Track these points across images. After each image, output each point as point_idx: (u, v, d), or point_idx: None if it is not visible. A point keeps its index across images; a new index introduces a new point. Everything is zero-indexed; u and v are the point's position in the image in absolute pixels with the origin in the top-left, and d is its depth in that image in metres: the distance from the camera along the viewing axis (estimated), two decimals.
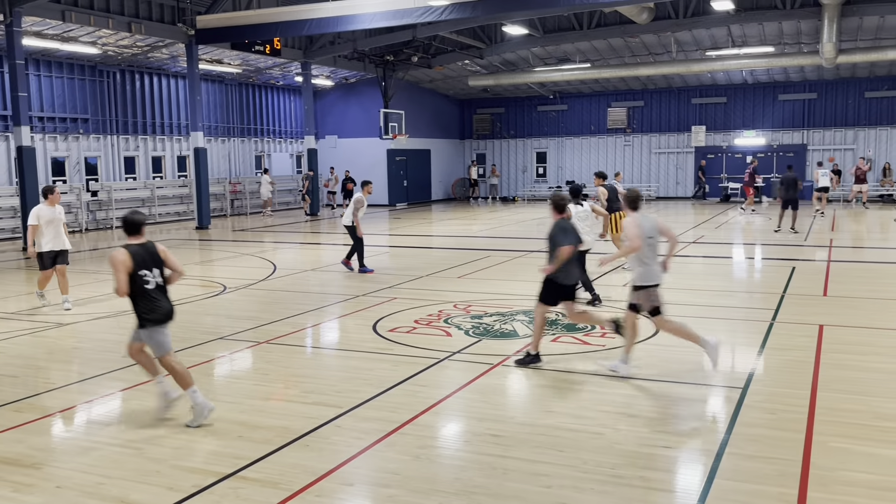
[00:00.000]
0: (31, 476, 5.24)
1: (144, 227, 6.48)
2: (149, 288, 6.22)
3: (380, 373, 7.61)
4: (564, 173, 37.43)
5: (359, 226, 14.24)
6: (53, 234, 11.32)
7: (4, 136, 22.54)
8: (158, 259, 6.37)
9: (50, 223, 11.27)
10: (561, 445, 5.62)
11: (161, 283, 6.34)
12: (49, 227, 11.27)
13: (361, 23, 21.25)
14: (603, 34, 27.95)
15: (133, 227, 6.40)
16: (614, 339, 8.73)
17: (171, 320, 6.37)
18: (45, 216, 11.29)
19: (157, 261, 6.35)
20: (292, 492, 4.90)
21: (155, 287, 6.27)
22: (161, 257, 6.40)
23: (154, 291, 6.27)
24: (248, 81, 31.84)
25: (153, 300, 6.24)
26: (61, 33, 21.47)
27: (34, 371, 8.15)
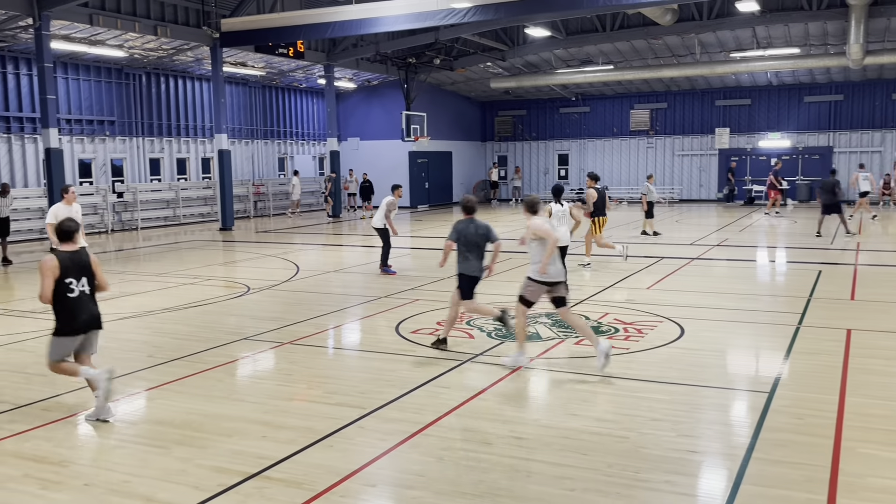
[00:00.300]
0: (59, 474, 5.30)
1: (77, 235, 6.60)
2: (71, 296, 6.35)
3: (403, 374, 7.62)
4: (586, 175, 37.21)
5: (392, 227, 14.60)
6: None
7: (33, 138, 22.87)
8: (87, 269, 6.49)
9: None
10: (585, 449, 5.59)
11: (87, 293, 6.46)
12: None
13: (384, 25, 21.32)
14: (626, 36, 27.82)
15: (65, 234, 6.52)
16: (637, 343, 8.68)
17: (90, 330, 6.53)
18: (61, 215, 11.47)
19: (85, 270, 6.46)
20: (316, 492, 4.92)
21: (78, 295, 6.38)
22: (91, 268, 6.51)
23: (75, 300, 6.38)
24: (271, 84, 32.05)
25: (72, 310, 6.37)
26: (89, 36, 21.74)
27: None
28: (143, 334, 9.66)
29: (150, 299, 12.12)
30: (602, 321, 9.86)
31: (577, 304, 11.00)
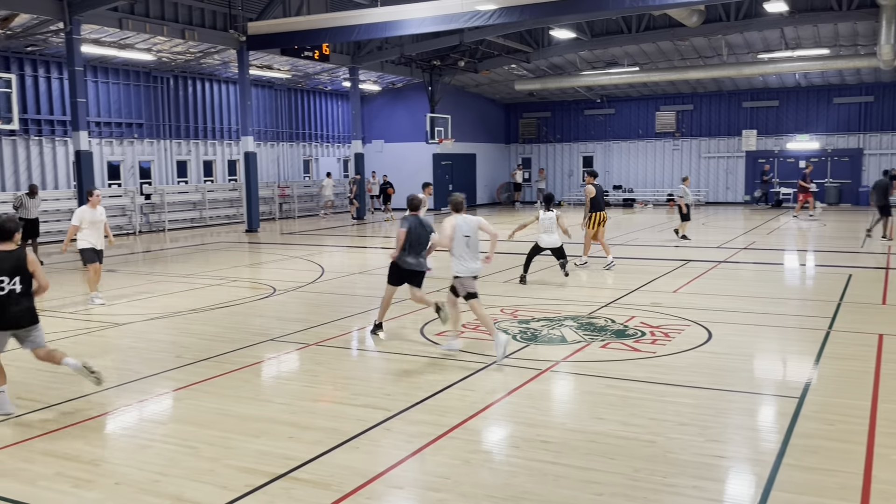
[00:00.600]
0: (91, 472, 5.37)
1: (16, 235, 6.74)
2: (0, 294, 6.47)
3: (428, 376, 7.63)
4: (611, 178, 37.09)
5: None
6: (96, 234, 12.02)
7: (63, 140, 23.22)
8: (21, 268, 6.58)
9: (92, 224, 11.97)
10: (612, 453, 5.56)
11: (16, 291, 6.54)
12: (92, 228, 11.96)
13: (409, 28, 21.38)
14: (652, 37, 27.66)
15: (2, 233, 6.64)
16: (664, 346, 8.62)
17: (21, 327, 6.63)
18: (87, 217, 11.99)
19: (18, 269, 6.56)
20: (343, 493, 4.93)
21: (7, 293, 6.48)
22: (27, 267, 6.61)
23: (3, 298, 6.49)
24: (296, 87, 32.27)
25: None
26: (118, 40, 22.04)
27: None
28: (171, 335, 9.76)
29: (178, 300, 12.24)
30: (628, 324, 9.80)
31: (603, 308, 10.95)
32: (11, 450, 5.79)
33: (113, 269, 16.40)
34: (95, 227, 12.00)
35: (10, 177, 21.99)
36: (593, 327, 9.70)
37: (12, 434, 6.13)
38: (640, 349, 8.56)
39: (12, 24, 19.21)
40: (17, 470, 5.40)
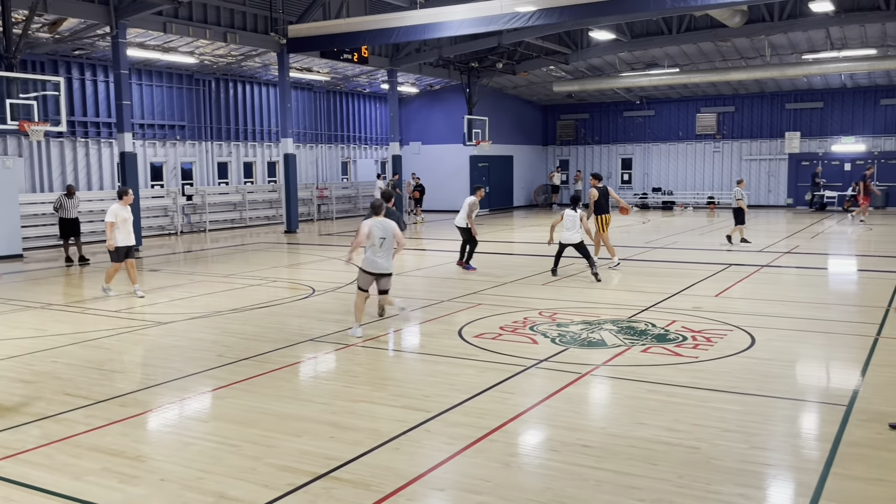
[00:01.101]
0: (136, 468, 5.46)
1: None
2: None
3: (466, 378, 7.62)
4: (650, 180, 36.74)
5: (473, 227, 15.10)
6: (126, 231, 12.57)
7: (109, 142, 23.69)
8: None
9: (125, 221, 12.51)
10: (654, 458, 5.49)
11: None
12: (124, 225, 12.51)
13: (448, 30, 21.40)
14: (693, 38, 27.31)
15: None
16: (707, 351, 8.51)
17: None
18: (120, 215, 12.51)
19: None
20: (384, 494, 4.94)
21: None
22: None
23: None
24: (335, 89, 32.53)
25: None
26: (162, 44, 22.43)
27: (136, 368, 8.50)
28: (212, 334, 9.89)
29: (219, 300, 12.41)
30: (669, 328, 9.68)
31: (643, 311, 10.84)
32: (60, 445, 5.91)
33: (155, 268, 16.69)
34: (127, 224, 12.59)
35: (57, 177, 22.49)
36: (633, 331, 9.60)
37: (61, 430, 6.26)
38: (681, 354, 8.44)
39: (60, 29, 19.67)
40: (66, 465, 5.51)
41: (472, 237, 15.28)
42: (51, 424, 6.40)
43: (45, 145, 22.05)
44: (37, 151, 21.97)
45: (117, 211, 12.50)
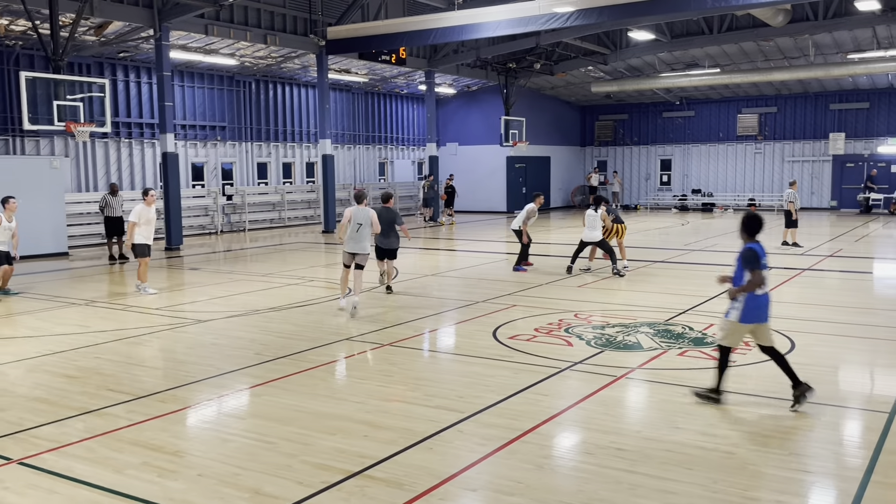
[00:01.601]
0: (175, 463, 5.57)
1: None
2: None
3: (500, 380, 7.62)
4: (690, 181, 36.29)
5: (525, 231, 15.38)
6: (148, 231, 13.02)
7: (151, 142, 24.15)
8: None
9: (148, 221, 12.95)
10: (689, 463, 5.43)
11: None
12: (147, 225, 12.95)
13: (485, 31, 21.39)
14: (734, 38, 26.90)
15: None
16: (745, 356, 8.39)
17: None
18: (144, 215, 12.95)
19: None
20: (416, 493, 4.98)
21: None
22: None
23: None
24: (373, 90, 32.72)
25: None
26: (203, 46, 22.79)
27: (176, 364, 8.66)
28: (250, 332, 10.03)
29: (257, 298, 12.57)
30: (707, 332, 9.57)
31: (680, 315, 10.72)
32: (102, 439, 6.05)
33: (196, 267, 16.97)
34: (150, 224, 13.01)
35: (101, 177, 22.99)
36: (670, 334, 9.51)
37: (103, 424, 6.41)
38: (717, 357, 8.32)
39: (106, 32, 20.11)
40: (107, 458, 5.64)
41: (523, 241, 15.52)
42: (93, 419, 6.56)
43: (91, 146, 22.56)
44: (82, 152, 22.49)
45: (141, 211, 12.88)
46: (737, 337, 6.72)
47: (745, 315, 6.54)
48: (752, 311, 6.53)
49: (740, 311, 6.55)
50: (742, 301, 6.53)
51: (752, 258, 6.48)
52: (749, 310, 6.52)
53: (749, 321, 6.58)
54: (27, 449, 5.84)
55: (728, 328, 6.69)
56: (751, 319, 6.58)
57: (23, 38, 19.80)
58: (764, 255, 6.59)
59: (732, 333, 6.68)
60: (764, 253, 6.60)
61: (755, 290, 6.51)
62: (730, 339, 6.71)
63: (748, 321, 6.57)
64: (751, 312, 6.54)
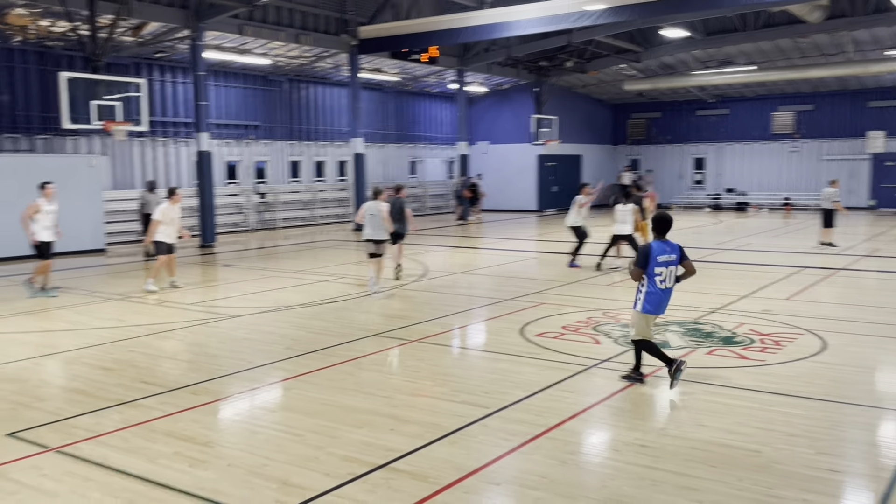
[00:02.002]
0: (205, 453, 5.70)
1: None
2: None
3: (527, 376, 7.65)
4: (724, 180, 35.88)
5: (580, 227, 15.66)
6: (171, 229, 13.19)
7: (186, 141, 24.53)
8: None
9: (171, 220, 13.16)
10: (714, 461, 5.42)
11: None
12: (170, 224, 13.15)
13: (516, 29, 21.39)
14: (769, 35, 26.53)
15: None
16: (775, 355, 8.32)
17: None
18: (168, 214, 13.17)
19: None
20: (441, 486, 5.04)
21: None
22: None
23: None
24: (404, 89, 32.85)
25: None
26: (238, 46, 23.10)
27: (208, 358, 8.81)
28: (281, 327, 10.17)
29: (288, 295, 12.74)
30: (737, 331, 9.50)
31: (710, 314, 10.65)
32: (136, 429, 6.21)
33: (229, 263, 17.23)
34: (172, 223, 13.20)
35: (138, 175, 23.40)
36: (699, 333, 9.45)
37: (138, 415, 6.57)
38: (748, 357, 8.28)
39: (143, 33, 20.48)
40: (141, 448, 5.79)
41: (582, 235, 15.64)
42: (128, 410, 6.73)
43: (127, 145, 22.98)
44: (119, 150, 22.92)
45: (165, 210, 13.10)
46: (645, 326, 7.24)
47: (646, 307, 7.12)
48: (652, 303, 7.11)
49: (642, 303, 7.16)
50: (643, 294, 7.12)
51: (644, 254, 7.13)
52: (649, 302, 7.10)
53: (649, 312, 7.15)
54: (64, 438, 6.02)
55: (636, 320, 7.28)
56: (651, 311, 7.14)
57: (63, 40, 20.25)
58: (662, 253, 7.06)
59: (640, 323, 7.24)
60: (663, 251, 7.07)
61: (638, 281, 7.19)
62: (640, 330, 7.27)
63: (650, 312, 7.15)
64: (651, 304, 7.11)
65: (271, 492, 4.99)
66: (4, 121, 20.20)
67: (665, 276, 7.09)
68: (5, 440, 6.00)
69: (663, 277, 7.08)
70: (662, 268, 7.06)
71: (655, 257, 7.04)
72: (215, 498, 4.90)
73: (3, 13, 17.83)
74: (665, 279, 7.10)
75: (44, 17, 18.42)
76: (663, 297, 7.17)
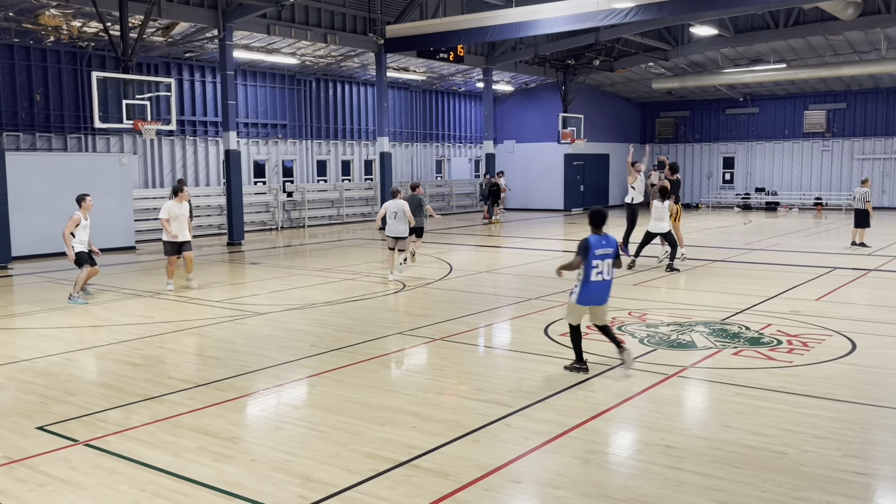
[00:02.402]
0: (230, 448, 5.76)
1: None
2: None
3: (550, 375, 7.63)
4: (753, 180, 35.46)
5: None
6: (178, 227, 12.97)
7: (215, 140, 24.80)
8: None
9: (176, 218, 12.96)
10: (739, 462, 5.37)
11: None
12: (175, 221, 12.94)
13: (543, 28, 21.32)
14: (801, 32, 26.18)
15: None
16: (802, 356, 8.21)
17: None
18: (173, 212, 13.01)
19: None
20: (462, 484, 5.05)
21: None
22: None
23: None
24: (431, 88, 32.90)
25: None
26: (266, 45, 23.29)
27: (234, 354, 8.90)
28: (306, 325, 10.25)
29: (314, 292, 12.83)
30: (764, 332, 9.39)
31: (737, 314, 10.54)
32: (162, 424, 6.30)
33: (256, 261, 17.39)
34: (179, 220, 13.00)
35: (167, 174, 23.71)
36: (726, 334, 9.36)
37: (164, 409, 6.66)
38: (775, 358, 8.18)
39: (172, 33, 20.73)
40: (167, 443, 5.87)
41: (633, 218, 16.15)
42: (155, 405, 6.82)
43: (157, 143, 23.30)
44: (149, 149, 23.23)
45: (170, 208, 12.98)
46: (577, 315, 7.67)
47: (580, 298, 7.52)
48: (586, 294, 7.49)
49: (577, 294, 7.52)
50: (579, 285, 7.49)
51: (583, 245, 7.46)
52: (584, 293, 7.49)
53: (585, 303, 7.56)
54: (93, 431, 6.12)
55: (569, 308, 7.74)
56: (586, 302, 7.55)
57: (94, 40, 20.57)
58: (599, 247, 7.45)
59: (573, 312, 7.69)
60: (600, 244, 7.47)
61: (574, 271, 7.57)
62: (572, 318, 7.73)
63: (584, 303, 7.55)
64: (586, 295, 7.50)
65: (294, 487, 5.04)
66: (38, 120, 20.58)
67: (602, 268, 7.48)
68: (36, 433, 6.12)
69: (600, 269, 7.45)
70: (599, 260, 7.44)
71: (594, 250, 7.40)
72: (239, 492, 4.96)
73: (36, 14, 18.15)
74: (602, 271, 7.48)
75: (76, 17, 18.72)
76: (600, 288, 7.54)
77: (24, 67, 20.28)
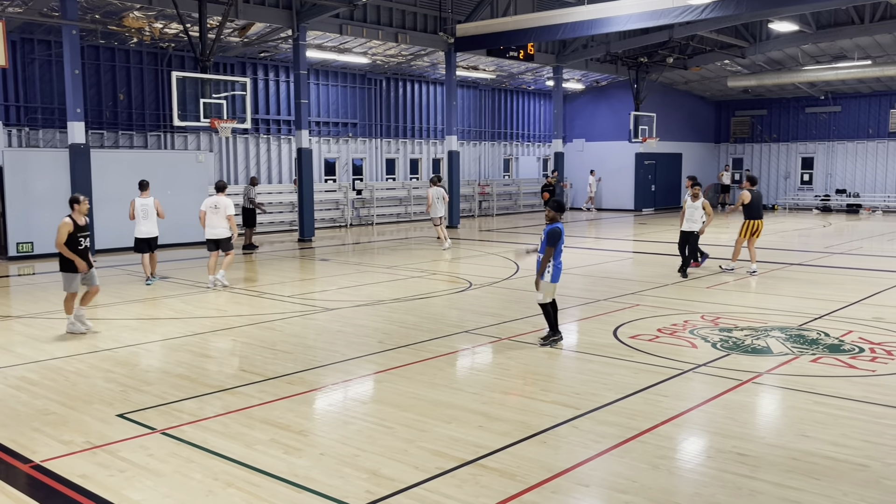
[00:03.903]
0: (300, 441, 5.87)
1: None
2: None
3: (619, 378, 7.52)
4: (834, 181, 34.19)
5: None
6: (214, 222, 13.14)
7: (287, 138, 25.29)
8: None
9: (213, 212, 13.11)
10: (817, 473, 5.18)
11: None
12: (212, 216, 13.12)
13: (616, 25, 21.00)
14: (888, 27, 25.07)
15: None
16: (886, 365, 7.88)
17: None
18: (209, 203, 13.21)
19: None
20: (529, 485, 5.01)
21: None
22: None
23: None
24: (500, 86, 32.80)
25: None
26: (338, 45, 23.63)
27: (304, 349, 9.06)
28: (374, 321, 10.36)
29: (382, 289, 12.95)
30: (844, 339, 9.04)
31: (815, 320, 10.18)
32: (235, 415, 6.45)
33: (326, 258, 17.66)
34: (217, 215, 13.10)
35: (242, 171, 24.31)
36: (803, 340, 9.05)
37: (237, 401, 6.83)
38: (856, 366, 7.87)
39: (248, 33, 21.23)
40: (239, 434, 6.01)
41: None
42: (228, 396, 7.00)
43: (232, 141, 23.90)
44: (225, 147, 23.85)
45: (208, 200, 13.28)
46: (552, 293, 8.89)
47: (554, 276, 8.81)
48: (557, 273, 8.85)
49: (551, 275, 8.79)
50: (552, 268, 8.75)
51: (557, 234, 8.72)
52: (556, 273, 8.84)
53: (557, 280, 8.88)
54: (169, 421, 6.32)
55: (545, 289, 8.81)
56: (557, 279, 8.87)
57: (175, 41, 21.23)
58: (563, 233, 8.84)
59: (550, 291, 8.86)
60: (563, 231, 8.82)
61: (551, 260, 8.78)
62: (549, 297, 8.87)
63: (556, 280, 8.85)
64: (556, 274, 8.84)
65: (362, 482, 5.09)
66: (121, 118, 21.38)
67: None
68: (116, 420, 6.36)
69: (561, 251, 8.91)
70: (562, 244, 8.92)
71: (563, 237, 8.83)
72: (308, 485, 5.04)
73: (121, 17, 18.85)
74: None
75: (158, 19, 19.36)
76: (560, 267, 8.93)
77: (109, 68, 21.08)
